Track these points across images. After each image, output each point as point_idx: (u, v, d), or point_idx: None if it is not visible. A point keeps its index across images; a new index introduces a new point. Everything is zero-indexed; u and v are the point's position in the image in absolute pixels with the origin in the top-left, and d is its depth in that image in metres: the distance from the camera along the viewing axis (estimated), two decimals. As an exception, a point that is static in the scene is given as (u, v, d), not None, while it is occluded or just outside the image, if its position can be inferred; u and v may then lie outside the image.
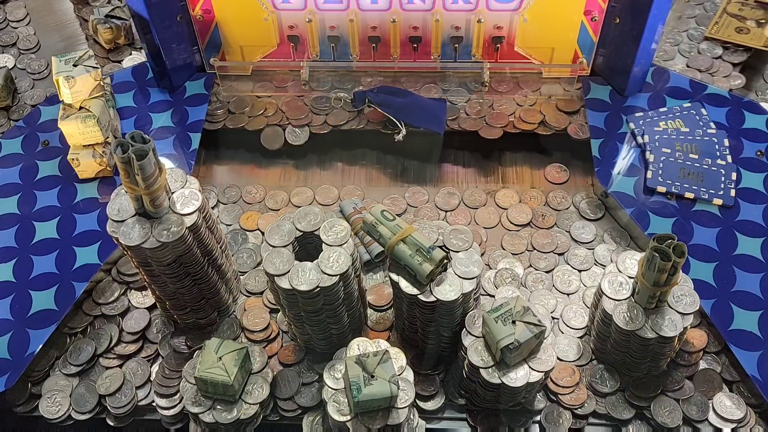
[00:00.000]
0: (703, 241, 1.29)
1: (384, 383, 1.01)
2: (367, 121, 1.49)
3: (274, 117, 1.51)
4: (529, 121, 1.47)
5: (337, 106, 1.50)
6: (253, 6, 1.46)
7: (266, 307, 1.28)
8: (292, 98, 1.53)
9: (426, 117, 1.45)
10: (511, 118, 1.48)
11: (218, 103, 1.53)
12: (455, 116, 1.48)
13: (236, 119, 1.51)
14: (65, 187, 1.40)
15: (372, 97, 1.47)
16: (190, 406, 1.11)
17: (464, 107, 1.50)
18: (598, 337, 1.18)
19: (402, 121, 1.44)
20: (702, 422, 1.16)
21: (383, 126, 1.48)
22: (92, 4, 1.74)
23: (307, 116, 1.50)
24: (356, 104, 1.48)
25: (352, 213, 1.36)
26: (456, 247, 1.11)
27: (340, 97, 1.49)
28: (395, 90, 1.48)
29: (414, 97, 1.48)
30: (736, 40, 1.59)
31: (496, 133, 1.47)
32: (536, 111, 1.49)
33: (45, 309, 1.25)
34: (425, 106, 1.47)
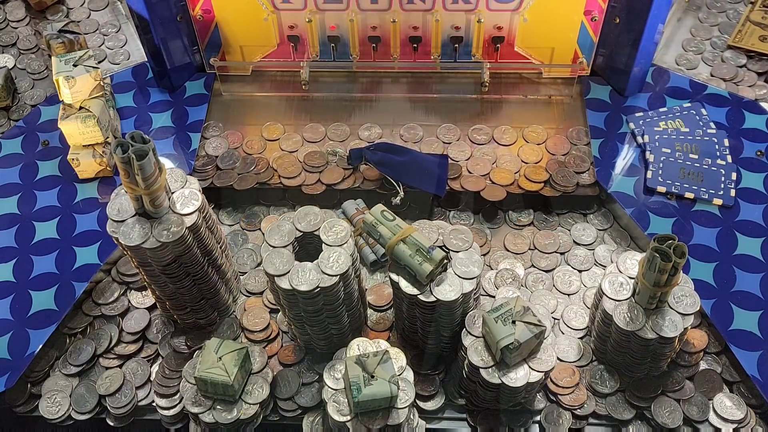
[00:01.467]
0: (703, 241, 1.29)
1: (384, 383, 1.01)
2: (363, 179, 1.40)
3: (265, 174, 1.41)
4: (534, 180, 1.39)
5: (332, 162, 1.41)
6: (253, 6, 1.46)
7: (266, 307, 1.28)
8: (283, 154, 1.44)
9: (426, 178, 1.37)
10: (516, 176, 1.39)
11: (206, 158, 1.44)
12: (457, 175, 1.39)
13: (224, 176, 1.40)
14: (65, 187, 1.40)
15: (369, 155, 1.38)
16: (190, 406, 1.11)
17: (466, 164, 1.41)
18: (598, 338, 1.18)
19: (400, 182, 1.36)
20: (702, 423, 1.16)
21: (380, 185, 1.39)
22: (49, 18, 1.72)
23: (300, 174, 1.41)
24: (352, 162, 1.39)
25: (355, 214, 1.36)
26: (456, 247, 1.11)
27: (336, 151, 1.41)
28: (394, 147, 1.40)
29: (413, 154, 1.40)
30: (760, 48, 1.56)
31: (500, 195, 1.37)
32: (542, 168, 1.40)
33: (45, 309, 1.25)
34: (425, 165, 1.38)
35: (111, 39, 1.66)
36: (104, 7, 1.73)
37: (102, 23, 1.69)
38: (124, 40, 1.66)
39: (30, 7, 1.73)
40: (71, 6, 1.74)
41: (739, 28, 1.59)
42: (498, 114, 1.51)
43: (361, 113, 1.52)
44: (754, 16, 1.60)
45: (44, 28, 1.63)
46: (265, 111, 1.53)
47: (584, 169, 1.40)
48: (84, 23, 1.70)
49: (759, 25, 1.57)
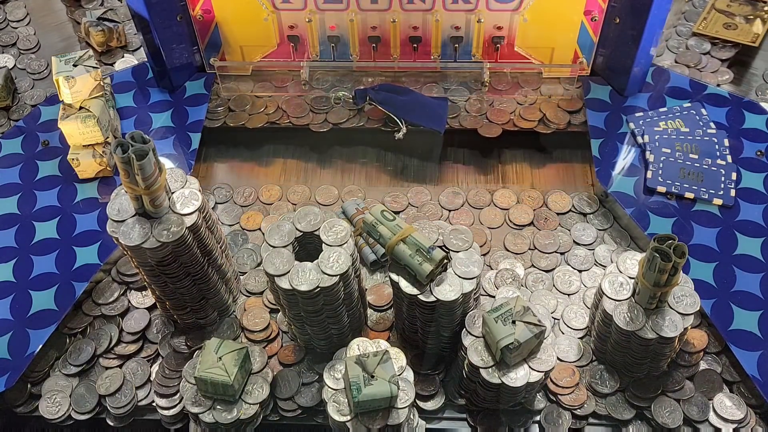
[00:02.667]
0: (703, 241, 1.29)
1: (384, 383, 1.01)
2: (367, 118, 1.49)
3: (275, 115, 1.51)
4: (528, 119, 1.48)
5: (338, 104, 1.49)
6: (253, 6, 1.46)
7: (266, 307, 1.28)
8: (292, 97, 1.53)
9: (427, 115, 1.45)
10: (512, 116, 1.48)
11: (219, 101, 1.53)
12: (456, 114, 1.49)
13: (236, 117, 1.51)
14: (65, 187, 1.40)
15: (373, 95, 1.46)
16: (190, 406, 1.11)
17: (464, 105, 1.50)
18: (598, 338, 1.18)
19: (402, 119, 1.44)
20: (702, 423, 1.16)
21: (383, 124, 1.48)
22: (85, 6, 1.74)
23: (308, 115, 1.51)
24: (357, 102, 1.48)
25: (356, 214, 1.36)
26: (456, 247, 1.11)
27: (341, 95, 1.49)
28: (396, 88, 1.48)
29: (415, 95, 1.48)
30: (725, 36, 1.60)
31: (496, 132, 1.47)
32: (536, 109, 1.49)
33: (45, 309, 1.25)
34: (426, 104, 1.47)
35: None
36: None
37: None
38: None
39: None
40: None
41: (704, 15, 1.62)
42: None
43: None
44: (719, 4, 1.63)
45: (83, 15, 1.63)
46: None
47: (576, 109, 1.48)
48: (119, 11, 1.70)
49: (724, 12, 1.60)
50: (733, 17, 1.58)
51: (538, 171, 1.47)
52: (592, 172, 1.41)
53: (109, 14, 1.59)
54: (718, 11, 1.61)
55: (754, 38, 1.59)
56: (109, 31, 1.53)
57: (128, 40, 1.68)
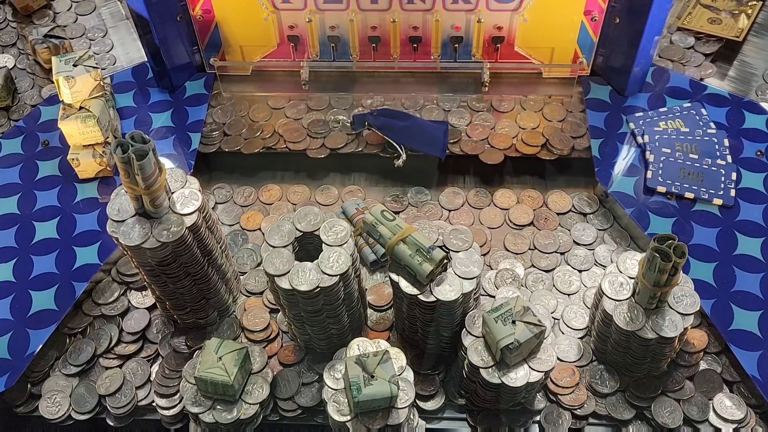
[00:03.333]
0: (703, 241, 1.29)
1: (384, 383, 1.01)
2: (366, 144, 1.44)
3: (271, 139, 1.46)
4: (531, 144, 1.43)
5: (336, 128, 1.45)
6: (253, 6, 1.46)
7: (266, 307, 1.28)
8: (289, 120, 1.49)
9: (427, 141, 1.41)
10: (514, 141, 1.44)
11: (213, 125, 1.49)
12: (456, 139, 1.44)
13: (232, 141, 1.46)
14: (65, 187, 1.40)
15: (372, 120, 1.42)
16: (190, 406, 1.11)
17: (465, 130, 1.46)
18: (598, 338, 1.18)
19: (402, 145, 1.40)
20: (702, 423, 1.16)
21: (382, 149, 1.43)
22: (35, 23, 1.71)
23: (305, 139, 1.46)
24: (355, 127, 1.44)
25: (356, 214, 1.36)
26: (456, 247, 1.11)
27: (339, 119, 1.45)
28: (396, 113, 1.44)
29: (415, 120, 1.44)
30: (709, 30, 1.60)
31: (498, 158, 1.42)
32: (538, 133, 1.44)
33: (45, 309, 1.25)
34: (426, 129, 1.43)
35: (97, 43, 1.66)
36: (91, 12, 1.72)
37: (89, 27, 1.69)
38: (111, 45, 1.65)
39: (16, 12, 1.72)
40: (58, 10, 1.74)
41: (689, 10, 1.62)
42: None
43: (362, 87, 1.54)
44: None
45: (30, 32, 1.63)
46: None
47: (580, 134, 1.44)
48: (70, 27, 1.69)
49: (708, 7, 1.60)
50: (718, 12, 1.58)
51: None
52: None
53: (56, 31, 1.57)
54: (704, 6, 1.61)
55: (738, 33, 1.59)
56: (54, 48, 1.52)
57: None
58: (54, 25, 1.59)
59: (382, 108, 1.48)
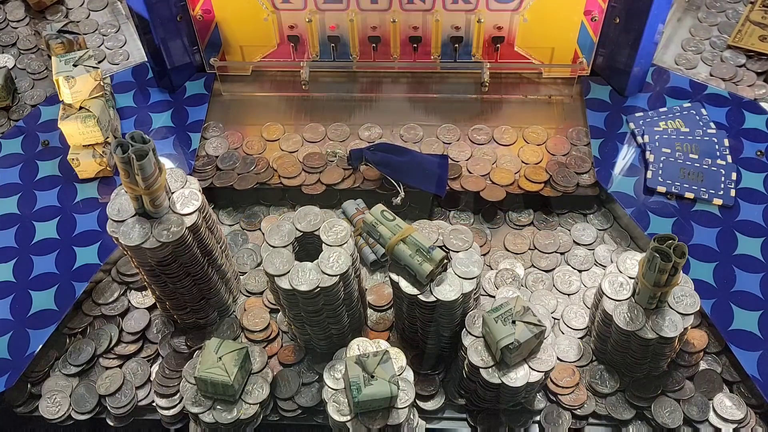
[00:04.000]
0: (703, 241, 1.29)
1: (384, 383, 1.01)
2: (363, 179, 1.40)
3: (265, 174, 1.41)
4: (534, 180, 1.38)
5: (332, 162, 1.41)
6: (253, 6, 1.46)
7: (266, 307, 1.28)
8: (284, 154, 1.44)
9: (426, 178, 1.37)
10: (516, 176, 1.39)
11: (206, 158, 1.44)
12: (457, 175, 1.39)
13: (224, 177, 1.41)
14: (65, 187, 1.40)
15: (369, 155, 1.38)
16: (190, 406, 1.11)
17: (466, 164, 1.41)
18: (598, 338, 1.18)
19: (401, 182, 1.36)
20: (702, 423, 1.16)
21: (380, 185, 1.39)
22: (48, 18, 1.72)
23: (300, 174, 1.41)
24: (352, 163, 1.39)
25: (356, 214, 1.36)
26: (456, 247, 1.11)
27: (336, 152, 1.41)
28: (394, 147, 1.40)
29: (413, 154, 1.40)
30: (760, 48, 1.56)
31: (499, 195, 1.37)
32: (542, 169, 1.40)
33: (45, 309, 1.25)
34: (425, 165, 1.39)
35: (110, 39, 1.66)
36: (103, 8, 1.73)
37: (101, 23, 1.69)
38: (124, 41, 1.66)
39: (29, 8, 1.73)
40: (70, 6, 1.74)
41: (738, 27, 1.59)
42: (498, 114, 1.51)
43: (361, 113, 1.52)
44: (753, 16, 1.60)
45: (43, 28, 1.63)
46: (265, 111, 1.53)
47: (585, 170, 1.40)
48: (83, 23, 1.70)
49: (759, 24, 1.57)
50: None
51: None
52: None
53: (69, 26, 1.57)
54: (753, 23, 1.58)
55: None
56: (69, 43, 1.52)
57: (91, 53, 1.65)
58: (67, 21, 1.60)
59: (380, 142, 1.43)
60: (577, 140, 1.45)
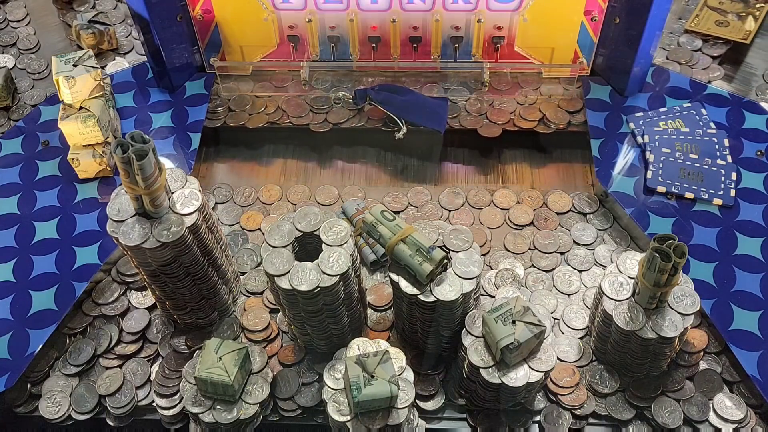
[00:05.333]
0: (703, 241, 1.29)
1: (384, 383, 1.01)
2: (367, 118, 1.49)
3: (275, 115, 1.51)
4: (528, 119, 1.47)
5: (338, 104, 1.49)
6: (253, 6, 1.46)
7: (266, 307, 1.28)
8: (292, 96, 1.53)
9: (427, 115, 1.45)
10: (512, 116, 1.48)
11: (219, 101, 1.53)
12: (456, 114, 1.48)
13: (236, 117, 1.51)
14: (65, 187, 1.40)
15: (373, 95, 1.46)
16: (190, 406, 1.11)
17: (464, 105, 1.50)
18: (598, 338, 1.18)
19: (403, 119, 1.44)
20: (702, 423, 1.16)
21: (384, 124, 1.48)
22: (76, 9, 1.73)
23: (308, 115, 1.50)
24: (357, 102, 1.47)
25: (356, 214, 1.36)
26: (456, 247, 1.11)
27: (341, 95, 1.49)
28: (396, 88, 1.48)
29: (415, 95, 1.48)
30: (716, 32, 1.60)
31: (496, 132, 1.47)
32: (536, 109, 1.49)
33: (45, 309, 1.25)
34: (426, 104, 1.47)
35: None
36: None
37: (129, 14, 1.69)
38: None
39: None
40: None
41: (696, 12, 1.62)
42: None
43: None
44: (711, 2, 1.63)
45: (73, 18, 1.63)
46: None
47: (577, 109, 1.48)
48: (111, 14, 1.70)
49: (716, 9, 1.60)
50: (726, 14, 1.58)
51: (538, 171, 1.47)
52: (592, 172, 1.41)
53: (99, 17, 1.58)
54: (711, 8, 1.61)
55: (745, 35, 1.59)
56: (99, 34, 1.53)
57: (119, 43, 1.67)
58: (98, 11, 1.61)
59: (383, 83, 1.51)
60: (570, 85, 1.50)
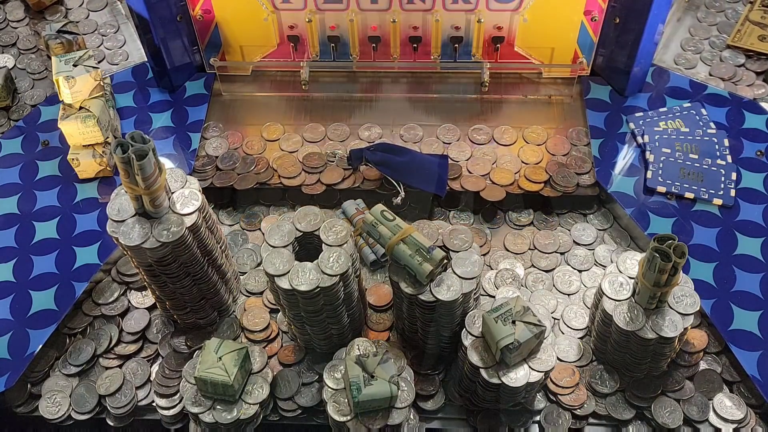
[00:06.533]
0: (703, 241, 1.29)
1: (384, 383, 1.01)
2: (363, 180, 1.40)
3: (265, 174, 1.41)
4: (534, 180, 1.39)
5: (332, 162, 1.41)
6: (253, 6, 1.46)
7: (266, 307, 1.28)
8: (283, 154, 1.44)
9: (426, 177, 1.37)
10: (516, 176, 1.40)
11: (206, 158, 1.44)
12: (457, 174, 1.39)
13: (224, 176, 1.41)
14: (65, 187, 1.40)
15: (369, 155, 1.39)
16: (190, 406, 1.11)
17: (466, 164, 1.41)
18: (598, 338, 1.18)
19: (401, 182, 1.37)
20: (702, 423, 1.16)
21: (380, 185, 1.40)
22: (48, 18, 1.72)
23: (300, 175, 1.41)
24: (352, 163, 1.40)
25: (356, 214, 1.36)
26: (456, 247, 1.11)
27: (335, 153, 1.42)
28: (394, 147, 1.40)
29: (413, 154, 1.40)
30: (759, 48, 1.56)
31: (499, 195, 1.38)
32: (542, 169, 1.40)
33: (45, 309, 1.25)
34: (425, 165, 1.39)
35: (110, 39, 1.66)
36: (103, 8, 1.73)
37: (101, 23, 1.69)
38: (123, 41, 1.65)
39: (29, 8, 1.73)
40: (70, 6, 1.74)
41: (738, 27, 1.59)
42: (498, 114, 1.51)
43: (361, 113, 1.52)
44: (753, 16, 1.60)
45: (43, 28, 1.63)
46: (265, 111, 1.53)
47: (585, 170, 1.40)
48: (83, 23, 1.69)
49: (758, 24, 1.57)
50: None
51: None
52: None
53: (69, 26, 1.57)
54: (753, 23, 1.58)
55: None
56: (68, 43, 1.52)
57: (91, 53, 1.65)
58: (67, 21, 1.60)
59: (380, 142, 1.43)
60: (577, 140, 1.45)
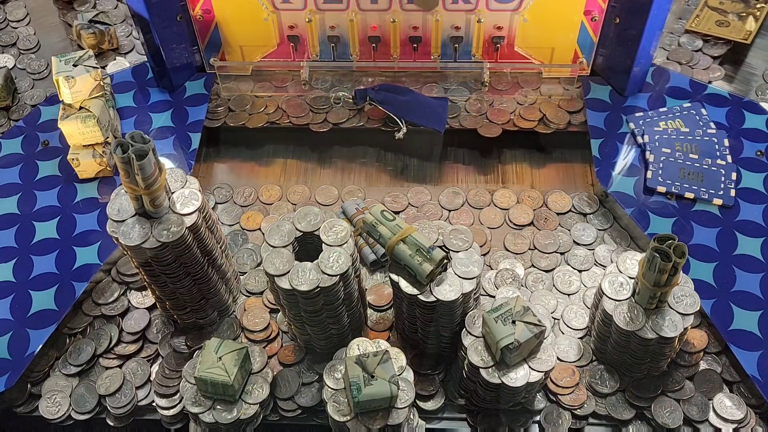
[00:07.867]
0: (703, 241, 1.29)
1: (384, 383, 1.01)
2: (367, 118, 1.49)
3: (275, 114, 1.51)
4: (528, 119, 1.47)
5: (338, 104, 1.49)
6: (253, 6, 1.46)
7: (266, 307, 1.28)
8: (292, 96, 1.53)
9: (427, 115, 1.45)
10: (512, 116, 1.48)
11: (219, 101, 1.53)
12: (456, 114, 1.48)
13: (237, 117, 1.51)
14: (65, 187, 1.40)
15: (373, 95, 1.46)
16: (190, 406, 1.11)
17: (464, 105, 1.50)
18: (598, 338, 1.18)
19: (403, 119, 1.44)
20: (702, 423, 1.16)
21: (384, 124, 1.48)
22: (77, 9, 1.73)
23: (308, 114, 1.50)
24: (357, 102, 1.48)
25: (356, 214, 1.36)
26: (456, 247, 1.11)
27: (340, 95, 1.49)
28: (396, 88, 1.48)
29: (415, 95, 1.48)
30: (717, 33, 1.60)
31: (496, 132, 1.47)
32: (536, 108, 1.49)
33: (45, 309, 1.25)
34: (426, 103, 1.47)
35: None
36: None
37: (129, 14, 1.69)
38: None
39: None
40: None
41: (697, 12, 1.62)
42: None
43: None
44: (711, 2, 1.64)
45: (74, 18, 1.63)
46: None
47: (577, 109, 1.48)
48: (112, 13, 1.70)
49: (716, 10, 1.61)
50: (726, 14, 1.59)
51: (538, 171, 1.47)
52: (592, 172, 1.41)
53: (100, 17, 1.58)
54: (711, 8, 1.61)
55: (746, 35, 1.59)
56: (100, 33, 1.53)
57: (120, 42, 1.67)
58: (98, 11, 1.61)
59: (383, 83, 1.51)
60: (569, 85, 1.50)
